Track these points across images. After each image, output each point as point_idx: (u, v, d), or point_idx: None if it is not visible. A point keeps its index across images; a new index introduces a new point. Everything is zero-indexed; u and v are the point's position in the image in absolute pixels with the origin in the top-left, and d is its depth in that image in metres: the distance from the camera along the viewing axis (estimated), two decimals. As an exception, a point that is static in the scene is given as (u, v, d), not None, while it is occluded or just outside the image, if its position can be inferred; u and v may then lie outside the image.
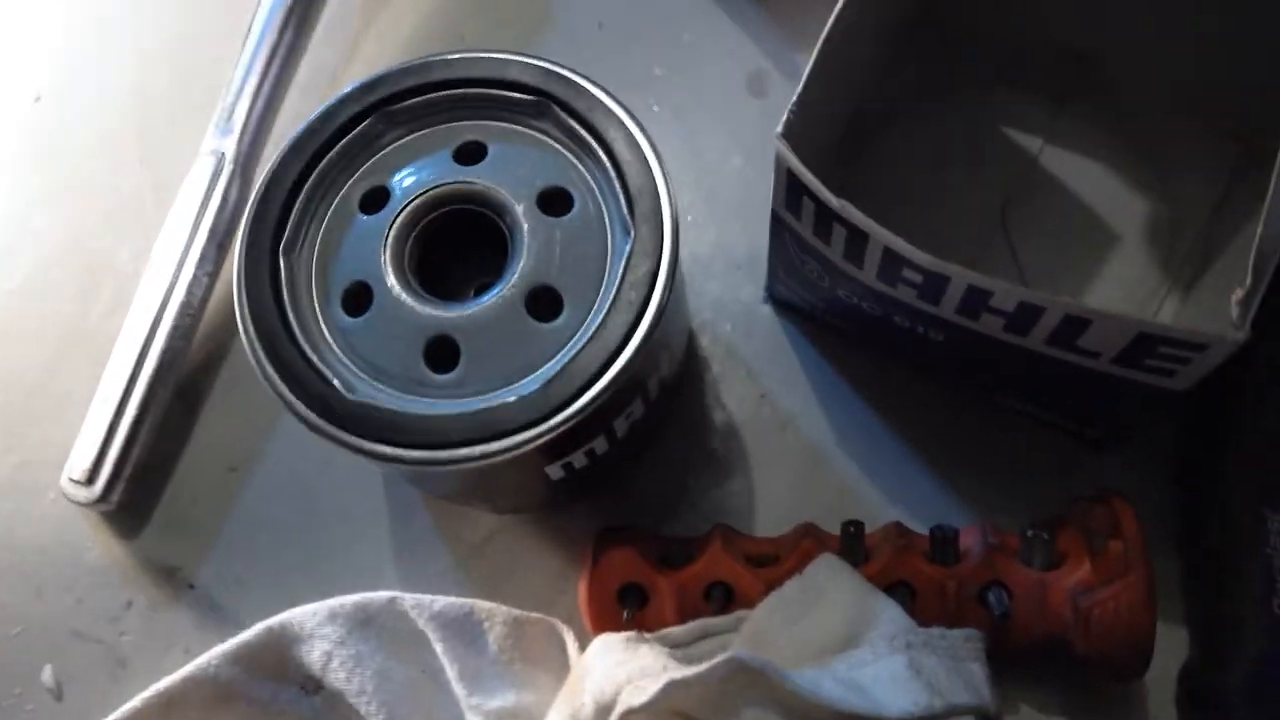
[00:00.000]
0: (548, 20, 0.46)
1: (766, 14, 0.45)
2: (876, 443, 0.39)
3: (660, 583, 0.34)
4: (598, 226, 0.30)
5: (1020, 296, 0.28)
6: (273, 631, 0.36)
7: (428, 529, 0.40)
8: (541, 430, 0.28)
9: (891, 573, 0.33)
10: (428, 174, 0.31)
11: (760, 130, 0.43)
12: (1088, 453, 0.37)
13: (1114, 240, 0.39)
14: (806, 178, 0.29)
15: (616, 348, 0.28)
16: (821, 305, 0.38)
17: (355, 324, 0.30)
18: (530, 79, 0.31)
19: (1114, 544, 0.32)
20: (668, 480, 0.39)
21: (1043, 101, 0.41)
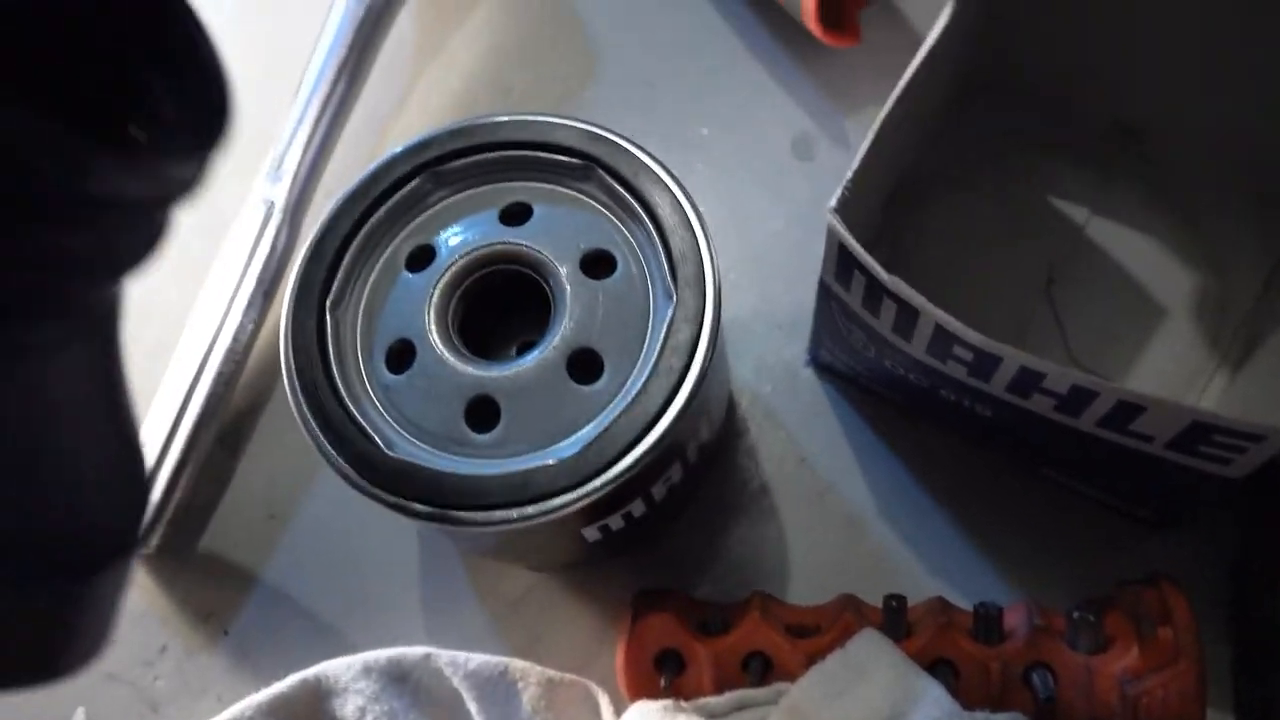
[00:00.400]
0: (596, 76, 0.46)
1: (813, 77, 0.45)
2: (918, 512, 0.39)
3: (698, 650, 0.34)
4: (640, 289, 0.30)
5: (1073, 380, 0.27)
6: (307, 684, 0.36)
7: (463, 584, 0.40)
8: (580, 495, 0.27)
9: (934, 650, 0.33)
10: (474, 234, 0.31)
11: (805, 193, 0.43)
12: (1137, 532, 0.37)
13: (1161, 315, 0.38)
14: (859, 253, 0.29)
15: (656, 414, 0.28)
16: (866, 373, 0.37)
17: (398, 381, 0.30)
18: (576, 142, 0.31)
19: (1164, 630, 0.31)
20: (703, 541, 0.39)
21: (1090, 172, 0.40)
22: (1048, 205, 0.40)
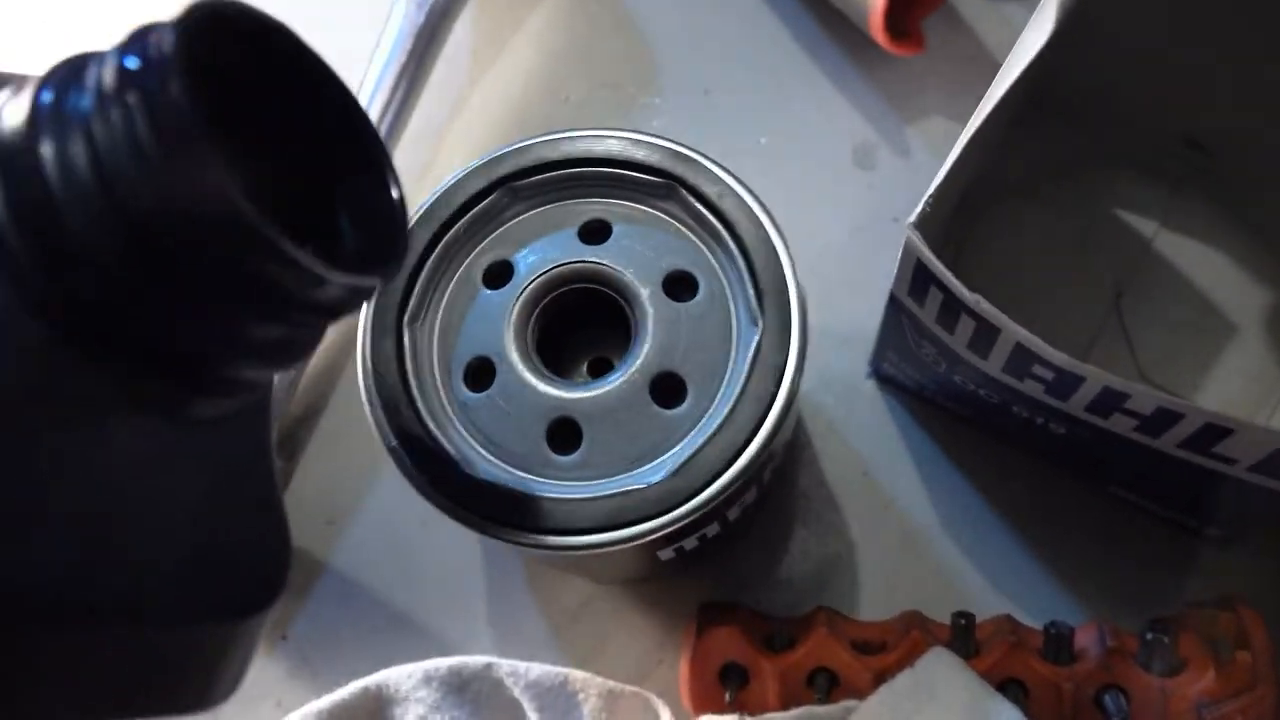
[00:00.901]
0: (654, 85, 0.46)
1: (874, 85, 0.44)
2: (983, 527, 0.38)
3: (763, 665, 0.34)
4: (722, 312, 0.30)
5: (1159, 402, 0.27)
6: (368, 692, 0.36)
7: (524, 592, 0.40)
8: (668, 521, 0.27)
9: (1003, 670, 0.33)
10: (553, 251, 0.31)
11: (866, 203, 0.43)
12: (1207, 551, 0.36)
13: (1231, 331, 0.38)
14: (938, 269, 0.28)
15: (744, 441, 0.28)
16: (932, 387, 0.37)
17: (477, 399, 0.30)
18: (658, 161, 0.31)
19: (1242, 655, 0.31)
20: (765, 554, 0.39)
21: (1159, 185, 0.40)
22: (1115, 218, 0.40)
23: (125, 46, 0.17)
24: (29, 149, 0.17)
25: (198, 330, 0.18)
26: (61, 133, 0.17)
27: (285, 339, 0.20)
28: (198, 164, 0.17)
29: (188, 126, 0.16)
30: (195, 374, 0.19)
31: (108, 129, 0.17)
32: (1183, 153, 0.40)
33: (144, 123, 0.17)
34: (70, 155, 0.17)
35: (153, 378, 0.19)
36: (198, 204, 0.17)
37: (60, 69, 0.18)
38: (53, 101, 0.18)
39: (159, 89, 0.17)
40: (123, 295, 0.18)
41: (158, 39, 0.17)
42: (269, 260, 0.18)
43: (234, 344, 0.19)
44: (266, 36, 0.20)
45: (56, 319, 0.18)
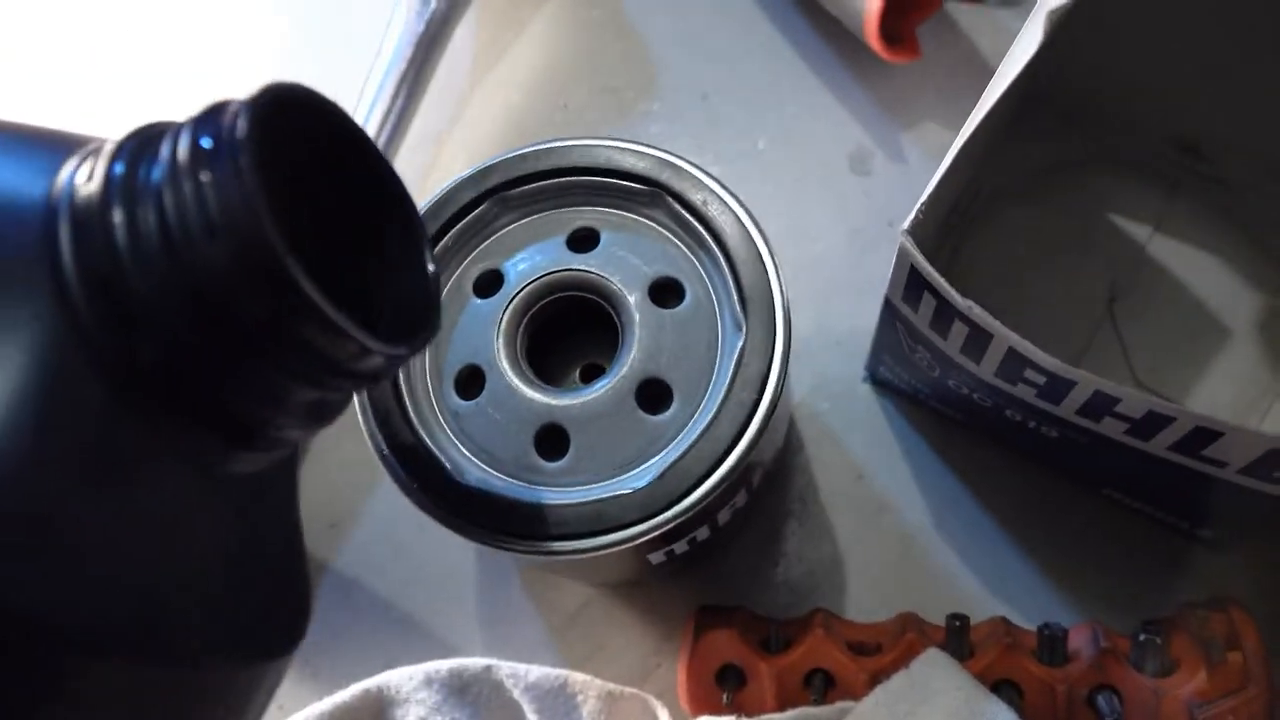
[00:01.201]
0: (651, 90, 0.46)
1: (870, 92, 0.45)
2: (977, 530, 0.39)
3: (760, 666, 0.34)
4: (708, 318, 0.30)
5: (1150, 405, 0.27)
6: (369, 694, 0.37)
7: (521, 596, 0.40)
8: (654, 525, 0.28)
9: (998, 671, 0.33)
10: (542, 260, 0.31)
11: (861, 208, 0.43)
12: (1199, 552, 0.36)
13: (1225, 334, 0.38)
14: (931, 275, 0.29)
15: (728, 446, 0.28)
16: (927, 391, 0.37)
17: (467, 407, 0.30)
18: (644, 169, 0.31)
19: (1233, 655, 0.31)
20: (760, 557, 0.39)
21: (1153, 189, 0.40)
22: (1109, 222, 0.40)
23: (200, 124, 0.19)
24: (101, 216, 0.18)
25: (247, 392, 0.20)
26: (132, 202, 0.19)
27: (322, 402, 0.22)
28: (262, 241, 0.18)
29: (256, 207, 0.18)
30: (238, 432, 0.20)
31: (178, 202, 0.18)
32: (1177, 157, 0.40)
33: (216, 201, 0.18)
34: (140, 224, 0.18)
35: (200, 433, 0.20)
36: (259, 277, 0.18)
37: (131, 141, 0.20)
38: (124, 173, 0.19)
39: (233, 171, 0.18)
40: (181, 357, 0.19)
41: (231, 121, 0.18)
42: (322, 331, 0.19)
43: (278, 406, 0.20)
44: (324, 117, 0.21)
45: (117, 376, 0.19)
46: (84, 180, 0.19)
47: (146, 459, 0.19)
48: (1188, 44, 0.36)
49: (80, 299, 0.18)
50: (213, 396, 0.20)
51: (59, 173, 0.19)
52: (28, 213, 0.19)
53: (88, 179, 0.19)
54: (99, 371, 0.18)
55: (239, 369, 0.19)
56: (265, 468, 0.22)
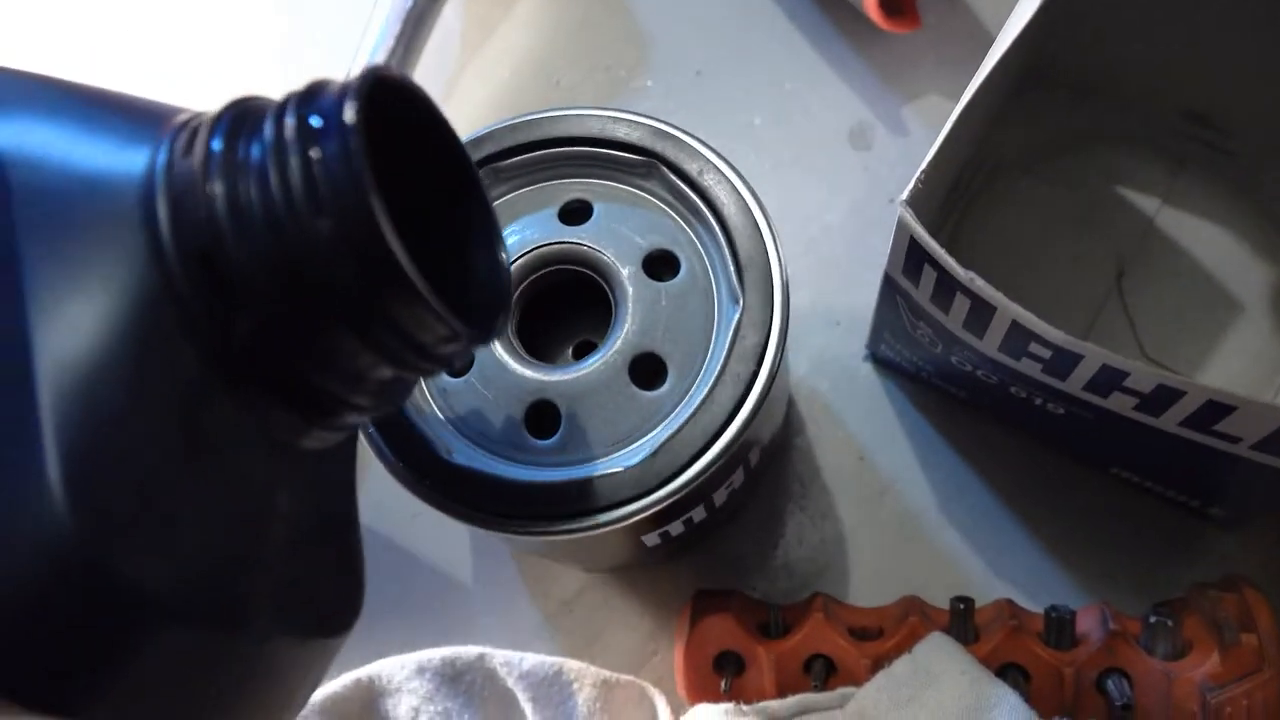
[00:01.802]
0: (645, 66, 0.45)
1: (869, 64, 0.44)
2: (982, 510, 0.38)
3: (759, 652, 0.33)
4: (704, 291, 0.29)
5: (1159, 379, 0.26)
6: (361, 683, 0.36)
7: (516, 583, 0.39)
8: (647, 504, 0.27)
9: (1003, 655, 0.32)
10: (533, 232, 0.31)
11: (862, 184, 0.42)
12: (1209, 532, 0.36)
13: (1235, 308, 0.37)
14: (931, 247, 0.28)
15: (723, 423, 0.27)
16: (929, 368, 0.36)
17: (455, 384, 0.30)
18: (639, 139, 0.30)
19: (1247, 637, 0.30)
20: (760, 540, 0.38)
21: (1160, 161, 0.39)
22: (1116, 195, 0.39)
23: (305, 103, 0.19)
24: (201, 189, 0.19)
25: (331, 368, 0.20)
26: (232, 176, 0.19)
27: (396, 382, 0.22)
28: (368, 220, 0.18)
29: (364, 187, 0.18)
30: (316, 409, 0.21)
31: (283, 178, 0.19)
32: (1185, 128, 0.39)
33: (324, 179, 0.18)
34: (241, 198, 0.19)
35: (281, 408, 0.20)
36: (362, 255, 0.19)
37: (228, 114, 0.20)
38: (223, 148, 0.19)
39: (343, 150, 0.18)
40: (274, 330, 0.19)
41: (340, 102, 0.19)
42: (413, 312, 0.19)
43: (356, 385, 0.21)
44: (414, 103, 0.22)
45: (211, 346, 0.19)
46: (182, 154, 0.20)
47: (232, 430, 0.20)
48: (1194, 13, 0.35)
49: (177, 268, 0.19)
50: (299, 371, 0.20)
51: (155, 144, 0.20)
52: (125, 183, 0.19)
53: (185, 153, 0.20)
54: (193, 341, 0.19)
55: (329, 344, 0.20)
56: (331, 448, 0.22)
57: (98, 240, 0.19)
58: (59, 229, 0.18)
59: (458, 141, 0.24)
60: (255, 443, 0.20)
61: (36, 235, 0.18)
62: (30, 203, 0.18)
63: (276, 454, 0.21)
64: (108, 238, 0.19)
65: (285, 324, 0.19)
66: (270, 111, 0.20)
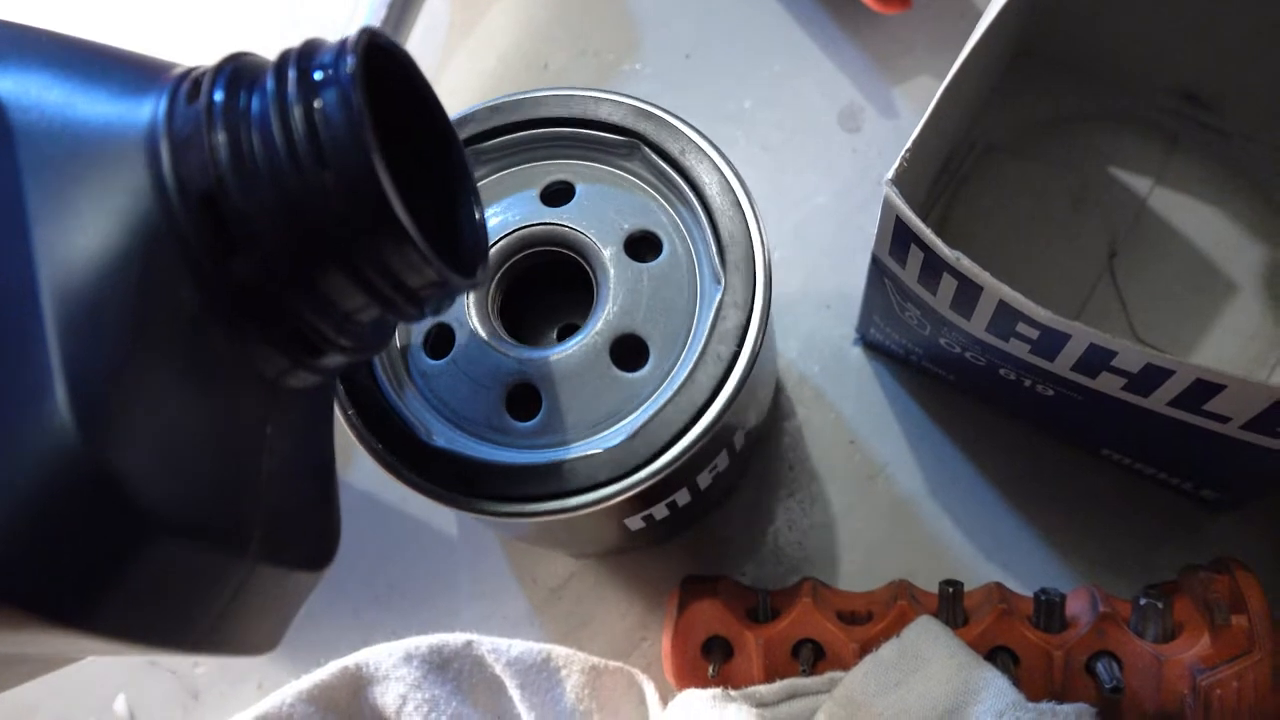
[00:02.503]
0: (634, 50, 0.45)
1: (860, 46, 0.43)
2: (972, 495, 0.37)
3: (747, 637, 0.33)
4: (686, 272, 0.29)
5: (1148, 359, 0.26)
6: (348, 671, 0.36)
7: (503, 570, 0.39)
8: (626, 486, 0.27)
9: (992, 638, 0.31)
10: (514, 214, 0.30)
11: (852, 166, 0.42)
12: (1200, 514, 0.35)
13: (1228, 289, 0.37)
14: (917, 226, 0.27)
15: (704, 403, 0.27)
16: (919, 351, 0.36)
17: (436, 366, 0.29)
18: (620, 119, 0.30)
19: (1237, 619, 0.30)
20: (749, 526, 0.38)
21: (1153, 140, 0.38)
22: (1108, 175, 0.38)
23: (306, 58, 0.21)
24: (205, 137, 0.20)
25: (322, 308, 0.21)
26: (234, 125, 0.20)
27: (378, 325, 0.24)
28: (367, 168, 0.20)
29: (364, 137, 0.20)
30: (304, 348, 0.22)
31: (285, 127, 0.20)
32: (1177, 107, 0.38)
33: (325, 128, 0.20)
34: (243, 145, 0.20)
35: (270, 346, 0.21)
36: (359, 201, 0.20)
37: (227, 69, 0.21)
38: (225, 98, 0.20)
39: (343, 102, 0.20)
40: (270, 270, 0.20)
41: (340, 56, 0.20)
42: (403, 255, 0.21)
43: (344, 325, 0.22)
44: (400, 64, 0.23)
45: (210, 284, 0.20)
46: (185, 103, 0.21)
47: (226, 362, 0.21)
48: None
49: (180, 210, 0.20)
50: (291, 310, 0.21)
51: (155, 93, 0.21)
52: (127, 129, 0.20)
53: (189, 101, 0.21)
54: (193, 277, 0.20)
55: (322, 285, 0.21)
56: (311, 391, 0.24)
57: (101, 181, 0.20)
58: (62, 170, 0.19)
59: (438, 104, 0.25)
60: (247, 377, 0.21)
61: (41, 175, 0.19)
62: (34, 146, 0.19)
63: (265, 390, 0.22)
64: (111, 180, 0.20)
65: (282, 265, 0.20)
66: (271, 66, 0.21)
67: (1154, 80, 0.38)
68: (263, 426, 0.22)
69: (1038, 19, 0.37)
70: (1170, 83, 0.38)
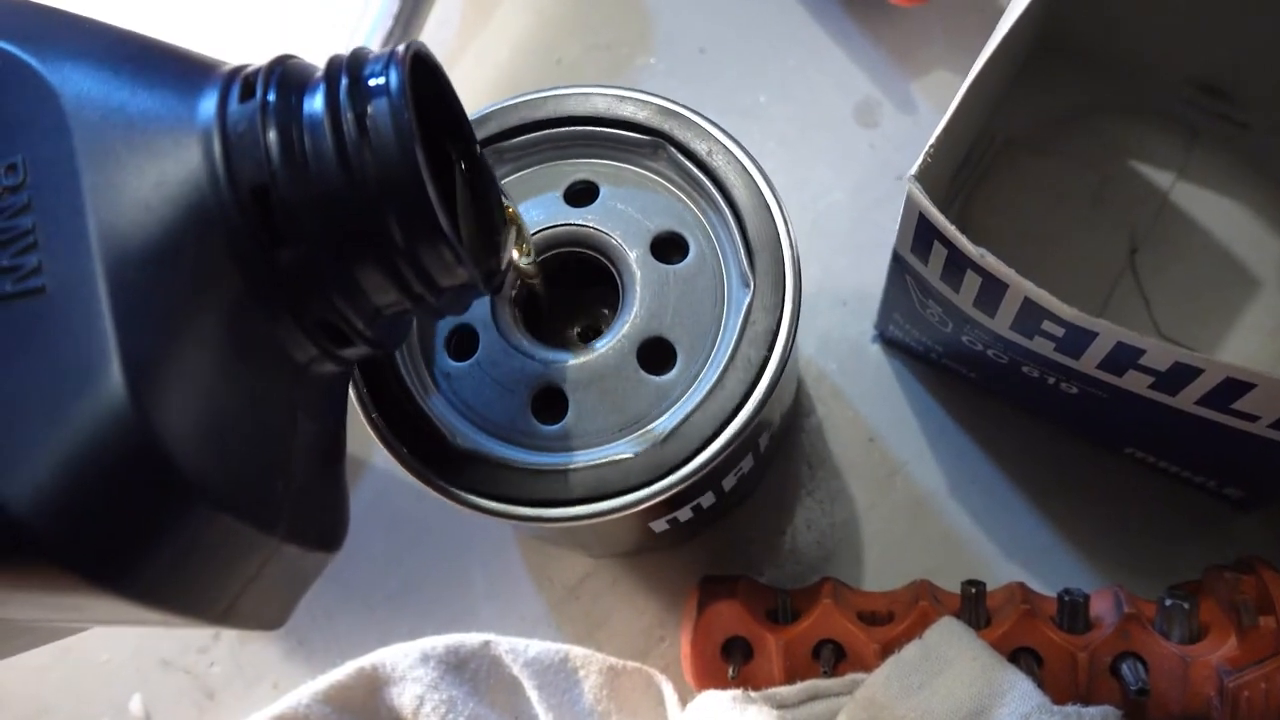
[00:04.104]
0: (647, 45, 0.44)
1: (876, 40, 0.43)
2: (993, 493, 0.37)
3: (767, 638, 0.33)
4: (713, 274, 0.29)
5: (1177, 356, 0.26)
6: (364, 672, 0.35)
7: (521, 570, 0.39)
8: (658, 490, 0.26)
9: (1015, 639, 0.31)
10: (538, 215, 0.30)
11: (869, 161, 0.42)
12: (1224, 512, 0.35)
13: (1252, 284, 0.36)
14: (941, 223, 0.27)
15: (734, 408, 0.27)
16: (939, 348, 0.36)
17: (460, 369, 0.29)
18: (646, 118, 0.30)
19: (1265, 620, 0.30)
20: (769, 524, 0.38)
21: (1174, 135, 0.38)
22: (1129, 170, 0.38)
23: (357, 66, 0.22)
24: (259, 134, 0.21)
25: (356, 301, 0.23)
26: (286, 125, 0.21)
27: (400, 319, 0.25)
28: (412, 170, 0.21)
29: (411, 141, 0.21)
30: (331, 337, 0.23)
31: (336, 130, 0.21)
32: (1199, 100, 0.38)
33: (376, 131, 0.21)
34: (294, 145, 0.21)
35: (302, 333, 0.23)
36: (402, 201, 0.21)
37: (277, 71, 0.22)
38: (277, 99, 0.22)
39: (393, 108, 0.21)
40: (313, 263, 0.22)
41: (389, 66, 0.22)
42: (441, 255, 0.22)
43: (373, 318, 0.23)
44: (434, 77, 0.24)
45: (254, 271, 0.21)
46: (238, 101, 0.22)
47: (265, 349, 0.22)
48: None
49: (231, 203, 0.21)
50: (326, 300, 0.22)
51: (205, 90, 0.22)
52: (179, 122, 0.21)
53: (242, 100, 0.22)
54: (239, 266, 0.21)
55: (360, 280, 0.22)
56: (332, 379, 0.25)
57: (156, 172, 0.21)
58: (118, 160, 0.21)
59: (464, 115, 0.26)
60: (281, 362, 0.23)
61: (95, 164, 0.20)
62: (88, 135, 0.21)
63: (296, 375, 0.23)
64: (166, 170, 0.21)
65: (324, 258, 0.22)
66: (320, 71, 0.23)
67: (1174, 73, 0.38)
68: (294, 409, 0.23)
69: (1059, 13, 0.37)
70: (1191, 75, 0.38)
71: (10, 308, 0.19)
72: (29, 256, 0.20)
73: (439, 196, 0.21)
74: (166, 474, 0.19)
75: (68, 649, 0.39)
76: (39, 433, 0.19)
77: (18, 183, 0.20)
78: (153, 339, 0.20)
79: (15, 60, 0.21)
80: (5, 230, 0.20)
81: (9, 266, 0.20)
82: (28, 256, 0.20)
